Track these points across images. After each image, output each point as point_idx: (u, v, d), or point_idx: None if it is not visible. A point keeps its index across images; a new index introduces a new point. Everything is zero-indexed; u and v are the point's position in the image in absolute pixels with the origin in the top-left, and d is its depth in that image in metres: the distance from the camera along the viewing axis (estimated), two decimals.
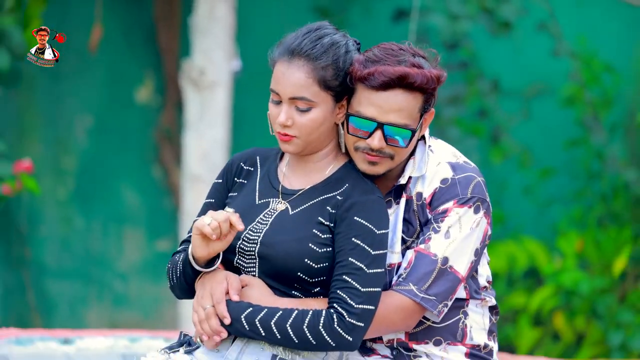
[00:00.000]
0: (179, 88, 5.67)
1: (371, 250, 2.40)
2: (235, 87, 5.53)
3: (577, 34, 5.90)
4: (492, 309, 2.65)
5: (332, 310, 2.36)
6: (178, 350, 2.43)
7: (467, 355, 2.57)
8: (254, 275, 2.44)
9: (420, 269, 2.47)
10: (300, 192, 2.48)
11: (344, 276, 2.38)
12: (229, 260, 2.46)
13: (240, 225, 2.32)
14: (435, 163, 2.54)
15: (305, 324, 2.35)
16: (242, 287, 2.42)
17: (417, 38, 5.38)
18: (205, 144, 5.21)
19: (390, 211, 2.53)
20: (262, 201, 2.49)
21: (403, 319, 2.45)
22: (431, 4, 5.62)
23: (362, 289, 2.37)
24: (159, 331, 3.84)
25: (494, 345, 2.61)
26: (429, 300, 2.44)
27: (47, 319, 5.95)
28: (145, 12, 6.07)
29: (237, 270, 2.46)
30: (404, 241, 2.54)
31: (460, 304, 2.57)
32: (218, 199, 2.57)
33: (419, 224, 2.53)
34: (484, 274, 2.63)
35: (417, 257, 2.48)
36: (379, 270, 2.39)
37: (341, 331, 2.34)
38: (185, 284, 2.47)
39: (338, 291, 2.37)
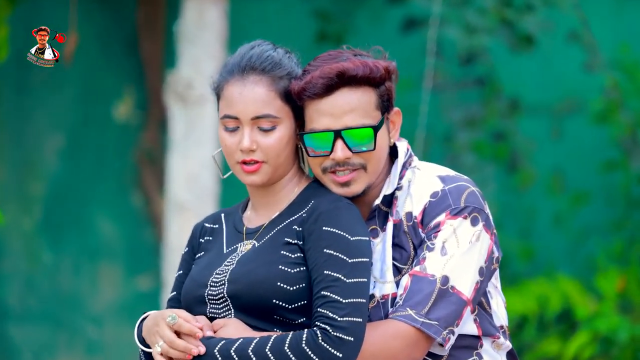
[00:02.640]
0: (163, 103, 5.59)
1: (347, 258, 2.39)
2: None
3: (612, 44, 5.93)
4: (510, 357, 2.58)
5: (314, 328, 2.35)
6: None
7: None
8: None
9: (418, 292, 2.42)
10: (265, 224, 2.51)
11: (322, 292, 2.37)
12: (202, 312, 2.47)
13: (197, 333, 2.40)
14: (423, 178, 2.52)
15: (287, 345, 2.34)
16: (216, 332, 2.42)
17: (429, 51, 5.47)
18: (193, 167, 5.18)
19: (377, 240, 2.52)
20: (229, 248, 2.53)
21: (403, 348, 2.38)
22: (447, 14, 5.65)
23: (343, 301, 2.36)
24: None
25: None
26: (430, 325, 2.38)
27: None
28: (126, 18, 6.10)
29: (212, 321, 2.48)
30: (397, 270, 2.50)
31: (472, 342, 2.50)
32: (187, 269, 2.62)
33: (412, 248, 2.49)
34: (499, 312, 2.56)
35: (412, 281, 2.44)
36: (360, 279, 2.38)
37: (328, 347, 2.32)
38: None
39: (319, 309, 2.36)
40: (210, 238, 2.59)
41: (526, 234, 5.98)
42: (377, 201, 2.51)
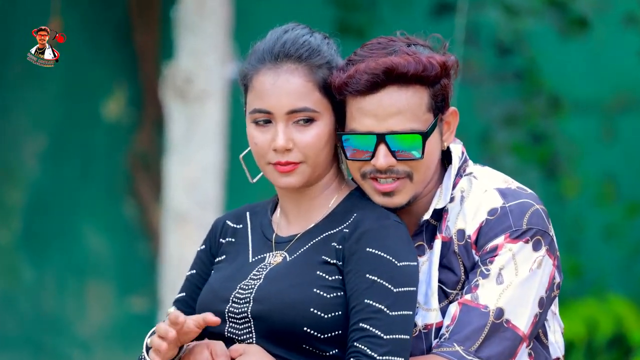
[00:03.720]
0: (159, 100, 5.43)
1: (392, 287, 2.31)
2: (232, 98, 5.33)
3: None
4: None
5: None
6: None
7: None
8: (250, 343, 2.38)
9: (468, 325, 2.35)
10: (298, 235, 2.44)
11: (360, 324, 2.30)
12: (219, 332, 2.40)
13: (211, 318, 2.31)
14: (480, 191, 2.42)
15: None
16: (235, 359, 2.34)
17: (465, 38, 5.36)
18: (194, 172, 5.05)
19: (422, 259, 2.45)
20: (256, 258, 2.47)
21: None
22: None
23: (385, 337, 2.29)
24: None
25: None
26: None
27: None
28: (116, 3, 6.06)
29: (231, 342, 2.38)
30: (445, 295, 2.42)
31: None
32: (201, 269, 2.55)
33: (463, 271, 2.41)
34: (556, 343, 2.46)
35: (462, 311, 2.36)
36: (405, 312, 2.32)
37: None
38: None
39: (355, 343, 2.29)
40: (233, 240, 2.53)
41: (573, 248, 5.97)
42: (427, 216, 2.42)
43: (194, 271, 2.56)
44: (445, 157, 2.48)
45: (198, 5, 5.04)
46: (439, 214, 2.45)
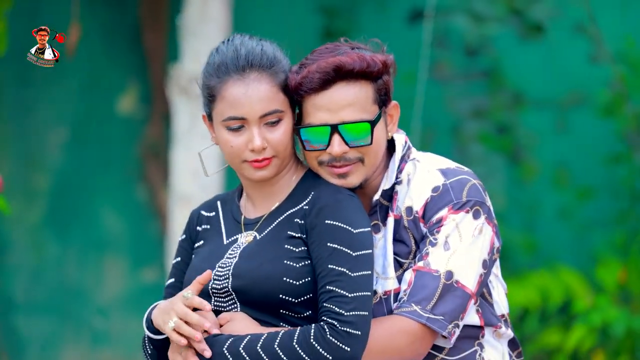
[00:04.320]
0: (167, 97, 5.53)
1: (351, 252, 2.39)
2: None
3: (619, 36, 5.88)
4: (512, 345, 2.61)
5: (321, 323, 2.37)
6: None
7: None
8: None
9: (423, 289, 2.44)
10: (265, 216, 2.50)
11: (327, 286, 2.38)
12: None
13: (206, 306, 2.38)
14: (424, 172, 2.51)
15: (295, 341, 2.35)
16: (222, 325, 2.43)
17: (435, 42, 5.46)
18: (197, 160, 5.07)
19: (378, 235, 2.53)
20: (229, 239, 2.53)
21: (410, 344, 2.40)
22: (453, 3, 5.71)
23: (349, 295, 2.37)
24: None
25: None
26: (435, 320, 2.41)
27: (16, 359, 5.98)
28: (129, 10, 6.08)
29: (217, 314, 2.46)
30: (400, 264, 2.51)
31: (474, 332, 2.52)
32: (184, 256, 2.62)
33: (414, 243, 2.50)
34: (500, 302, 2.58)
35: (416, 277, 2.45)
36: (364, 272, 2.39)
37: (336, 341, 2.34)
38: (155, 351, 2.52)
39: (325, 304, 2.38)
40: (208, 227, 2.57)
41: (530, 226, 5.97)
42: (377, 196, 2.50)
43: (179, 259, 2.62)
44: (391, 147, 2.58)
45: (200, 13, 5.12)
46: (390, 196, 2.54)
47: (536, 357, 5.68)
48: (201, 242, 2.58)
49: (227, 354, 2.35)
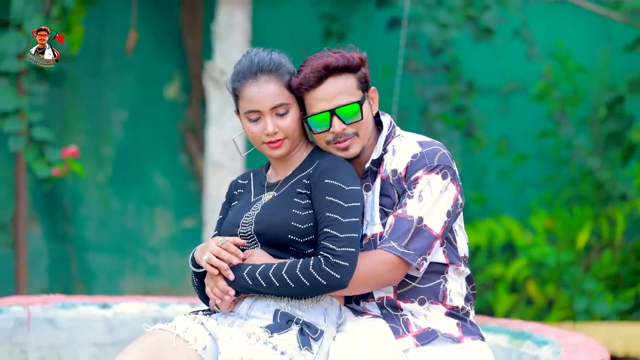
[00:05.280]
0: (203, 86, 5.76)
1: (343, 203, 2.48)
2: None
3: (548, 39, 6.06)
4: (468, 281, 2.71)
5: (318, 256, 2.47)
6: (199, 312, 2.58)
7: (446, 314, 2.63)
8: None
9: (399, 229, 2.52)
10: (281, 180, 2.62)
11: (324, 229, 2.47)
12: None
13: (234, 247, 2.50)
14: (406, 144, 2.64)
15: (298, 269, 2.44)
16: (245, 260, 2.54)
17: (408, 44, 5.65)
18: (226, 135, 5.21)
19: (369, 193, 2.63)
20: (255, 198, 2.64)
21: (388, 271, 2.51)
22: (423, 14, 5.78)
23: (340, 235, 2.45)
24: (186, 297, 3.89)
25: (471, 310, 2.69)
26: (408, 254, 2.51)
27: (88, 287, 6.00)
28: (174, 19, 6.11)
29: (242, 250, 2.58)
30: (386, 214, 2.60)
31: (440, 268, 2.64)
32: (225, 214, 2.73)
33: (397, 196, 2.59)
34: (463, 247, 2.68)
35: (396, 221, 2.54)
36: (353, 219, 2.47)
37: (329, 270, 2.42)
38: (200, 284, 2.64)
39: (322, 242, 2.48)
40: (242, 191, 2.70)
41: (479, 185, 6.16)
42: (368, 164, 2.63)
43: (221, 217, 2.73)
44: (379, 126, 2.69)
45: (228, 21, 5.21)
46: (378, 163, 2.64)
47: (484, 284, 5.90)
48: (235, 202, 2.71)
49: (246, 277, 2.48)
